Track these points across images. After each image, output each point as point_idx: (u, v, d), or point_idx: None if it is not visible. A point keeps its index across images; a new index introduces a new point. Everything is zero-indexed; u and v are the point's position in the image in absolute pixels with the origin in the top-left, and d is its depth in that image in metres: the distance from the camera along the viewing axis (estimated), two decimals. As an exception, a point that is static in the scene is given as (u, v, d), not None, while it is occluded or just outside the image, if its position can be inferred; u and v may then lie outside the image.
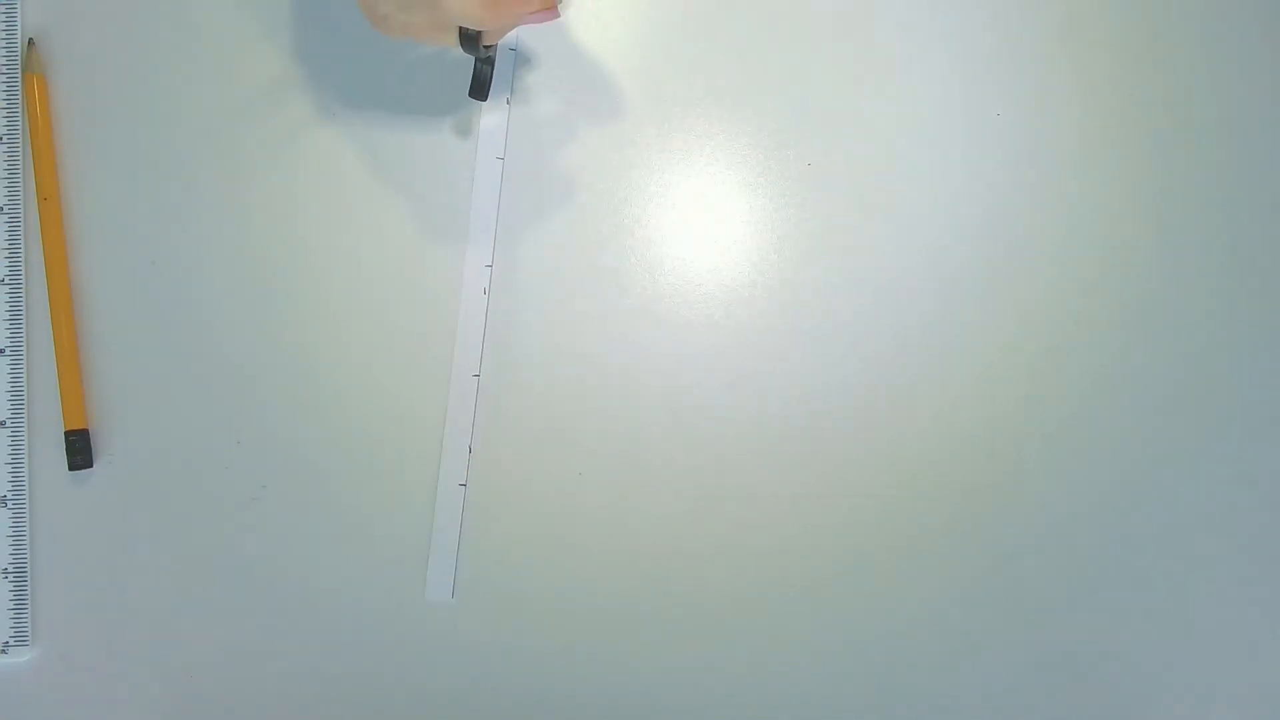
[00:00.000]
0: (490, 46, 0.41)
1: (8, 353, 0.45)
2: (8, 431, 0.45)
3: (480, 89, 0.42)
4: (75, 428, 0.44)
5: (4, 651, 0.45)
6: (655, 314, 0.46)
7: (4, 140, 0.45)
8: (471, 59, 0.43)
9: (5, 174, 0.45)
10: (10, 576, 0.45)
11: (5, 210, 0.45)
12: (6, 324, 0.45)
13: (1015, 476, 0.47)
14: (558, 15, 0.38)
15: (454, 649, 0.46)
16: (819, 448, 0.46)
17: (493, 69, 0.42)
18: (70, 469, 0.44)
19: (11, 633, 0.45)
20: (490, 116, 0.46)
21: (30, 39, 0.44)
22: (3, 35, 0.44)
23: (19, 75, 0.45)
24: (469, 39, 0.39)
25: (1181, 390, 0.47)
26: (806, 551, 0.46)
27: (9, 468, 0.45)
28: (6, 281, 0.45)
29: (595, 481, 0.46)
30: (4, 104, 0.45)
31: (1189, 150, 0.47)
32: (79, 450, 0.44)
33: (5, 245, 0.45)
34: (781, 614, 0.46)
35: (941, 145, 0.46)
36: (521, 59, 0.46)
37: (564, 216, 0.46)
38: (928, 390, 0.46)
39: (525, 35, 0.46)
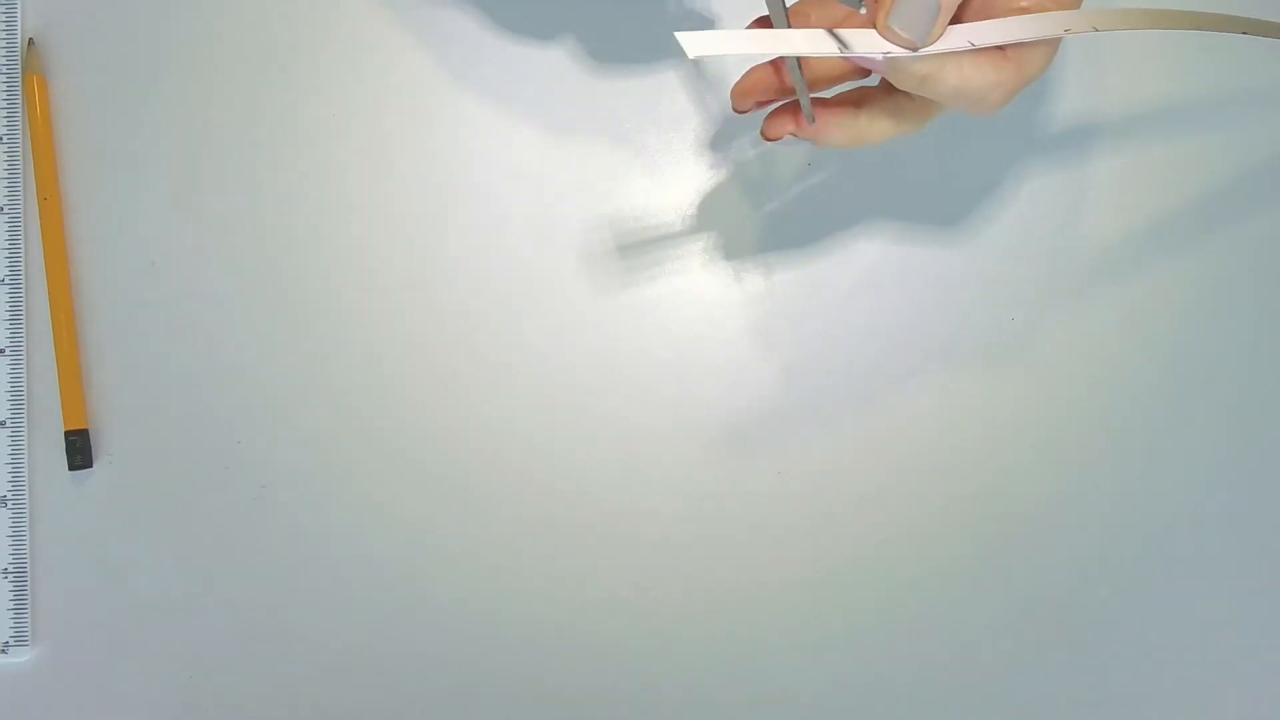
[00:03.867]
0: None
1: (8, 353, 0.45)
2: (8, 431, 0.45)
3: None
4: (75, 428, 0.44)
5: (4, 651, 0.45)
6: (654, 315, 0.46)
7: (4, 140, 0.45)
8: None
9: (5, 174, 0.45)
10: (10, 576, 0.45)
11: (5, 210, 0.45)
12: (6, 324, 0.45)
13: (1028, 481, 0.47)
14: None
15: (455, 649, 0.46)
16: (824, 449, 0.46)
17: None
18: (70, 469, 0.44)
19: (11, 633, 0.45)
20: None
21: (30, 39, 0.44)
22: (3, 35, 0.44)
23: (19, 75, 0.45)
24: None
25: (1207, 403, 0.47)
26: (808, 566, 0.46)
27: (9, 468, 0.45)
28: (6, 281, 0.45)
29: (596, 483, 0.46)
30: (4, 104, 0.45)
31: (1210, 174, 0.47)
32: (79, 450, 0.44)
33: (5, 245, 0.45)
34: (783, 619, 0.46)
35: (946, 148, 0.46)
36: (517, 65, 0.46)
37: (563, 217, 0.46)
38: (934, 393, 0.46)
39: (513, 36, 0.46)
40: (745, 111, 0.36)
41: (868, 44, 0.31)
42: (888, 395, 0.46)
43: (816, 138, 0.36)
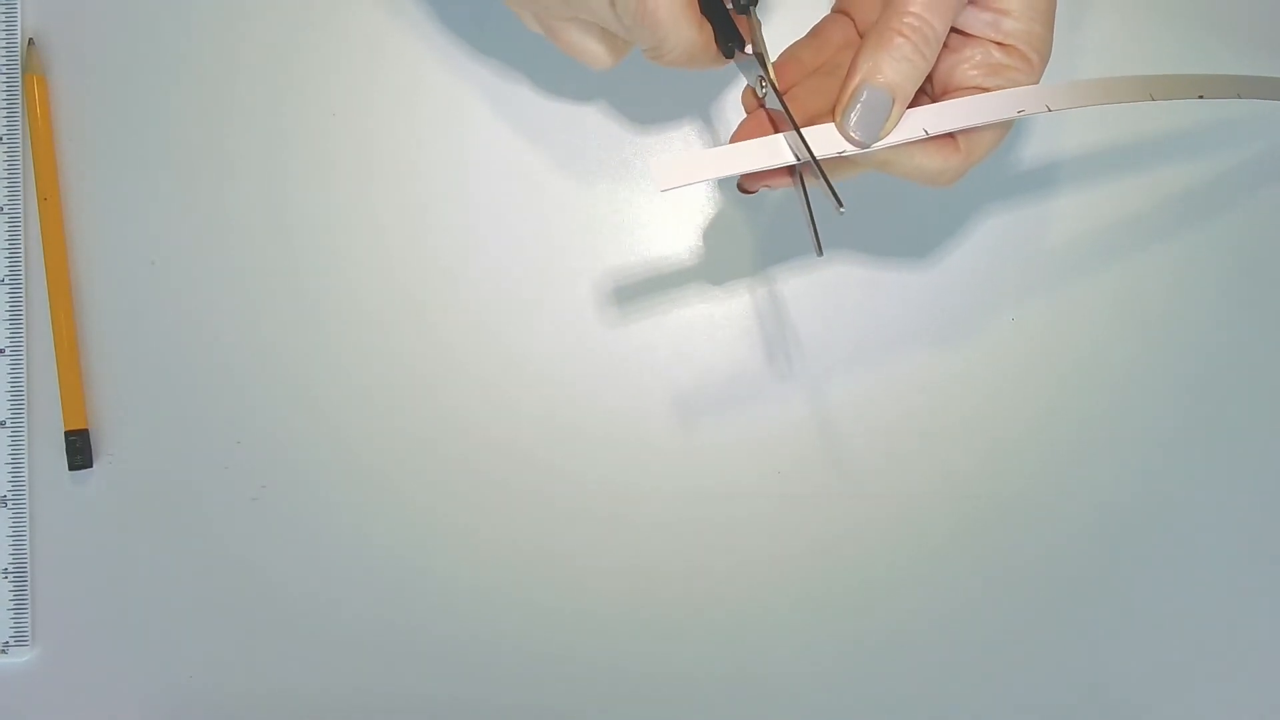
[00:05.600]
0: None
1: (8, 353, 0.45)
2: (8, 431, 0.45)
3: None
4: (75, 428, 0.44)
5: (4, 651, 0.45)
6: (656, 320, 0.46)
7: (4, 140, 0.45)
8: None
9: (5, 174, 0.45)
10: (10, 576, 0.45)
11: (5, 210, 0.45)
12: (6, 324, 0.45)
13: (1030, 484, 0.47)
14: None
15: (451, 649, 0.46)
16: (824, 449, 0.46)
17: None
18: (70, 469, 0.44)
19: (11, 633, 0.45)
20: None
21: (30, 39, 0.44)
22: (3, 35, 0.44)
23: (19, 75, 0.45)
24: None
25: (1206, 399, 0.47)
26: (810, 560, 0.46)
27: (9, 468, 0.45)
28: (6, 281, 0.45)
29: (596, 481, 0.46)
30: (4, 104, 0.45)
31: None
32: (79, 450, 0.44)
33: (5, 245, 0.45)
34: (782, 625, 0.46)
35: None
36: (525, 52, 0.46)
37: (563, 217, 0.46)
38: (928, 391, 0.46)
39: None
40: (753, 192, 0.37)
41: (828, 139, 0.34)
42: (884, 395, 0.46)
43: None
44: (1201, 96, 0.39)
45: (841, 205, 0.33)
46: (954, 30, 0.35)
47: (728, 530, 0.46)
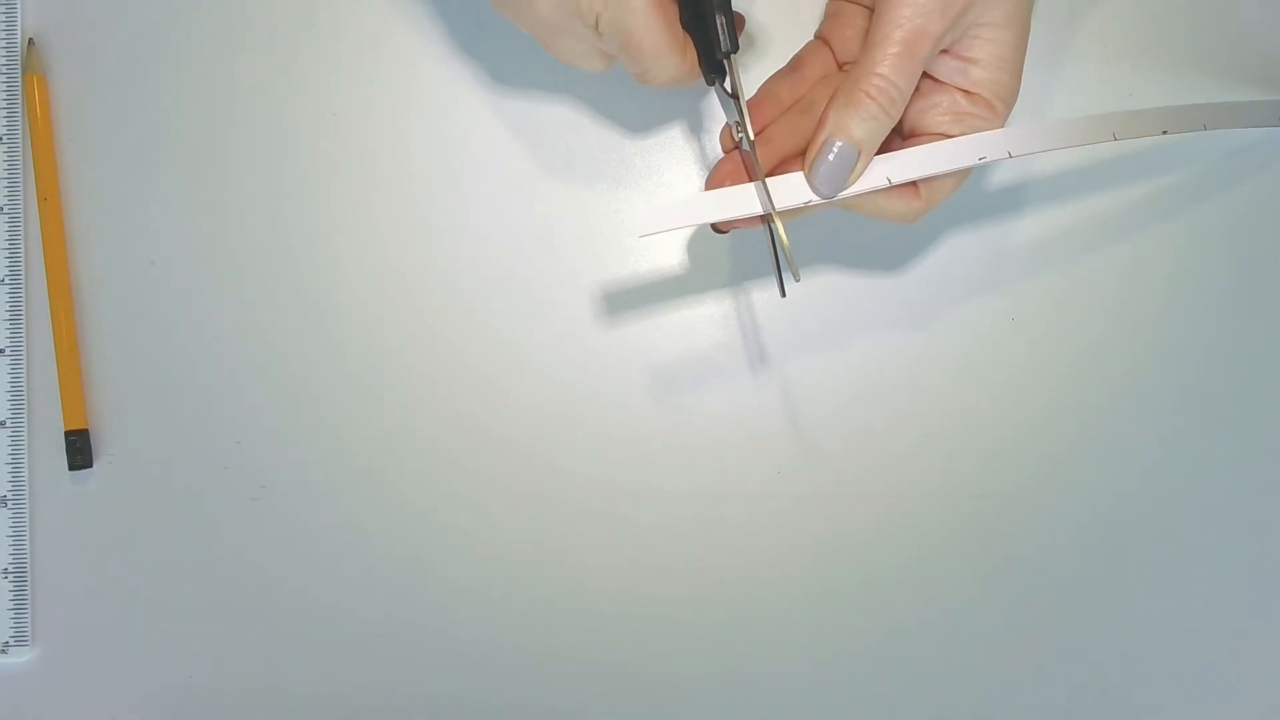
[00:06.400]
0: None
1: (8, 353, 0.45)
2: (8, 431, 0.45)
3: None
4: (75, 428, 0.44)
5: (4, 651, 0.45)
6: (657, 314, 0.46)
7: (4, 140, 0.45)
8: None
9: (5, 174, 0.45)
10: (10, 576, 0.45)
11: (5, 210, 0.45)
12: (6, 324, 0.45)
13: (1030, 484, 0.47)
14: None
15: (451, 649, 0.46)
16: (823, 449, 0.46)
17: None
18: (70, 469, 0.44)
19: (11, 633, 0.45)
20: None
21: (30, 39, 0.45)
22: (3, 35, 0.44)
23: (19, 75, 0.45)
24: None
25: (1206, 396, 0.47)
26: (810, 560, 0.46)
27: (9, 468, 0.45)
28: (6, 281, 0.45)
29: (595, 480, 0.46)
30: (4, 104, 0.45)
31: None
32: (79, 450, 0.44)
33: (5, 245, 0.45)
34: (783, 625, 0.46)
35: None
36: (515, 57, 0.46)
37: (564, 217, 0.46)
38: (927, 390, 0.46)
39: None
40: (725, 232, 0.39)
41: (796, 188, 0.36)
42: (884, 394, 0.46)
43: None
44: (1165, 132, 0.39)
45: (797, 278, 0.36)
46: (925, 75, 0.36)
47: (728, 530, 0.46)
